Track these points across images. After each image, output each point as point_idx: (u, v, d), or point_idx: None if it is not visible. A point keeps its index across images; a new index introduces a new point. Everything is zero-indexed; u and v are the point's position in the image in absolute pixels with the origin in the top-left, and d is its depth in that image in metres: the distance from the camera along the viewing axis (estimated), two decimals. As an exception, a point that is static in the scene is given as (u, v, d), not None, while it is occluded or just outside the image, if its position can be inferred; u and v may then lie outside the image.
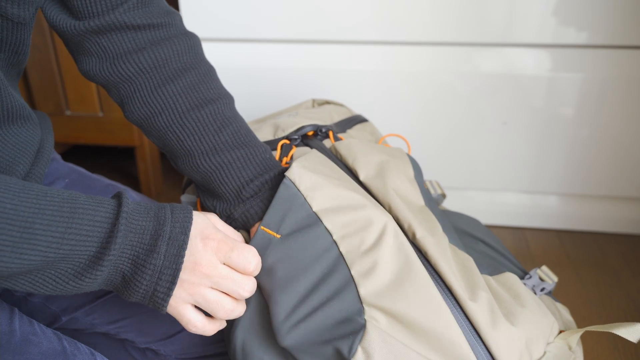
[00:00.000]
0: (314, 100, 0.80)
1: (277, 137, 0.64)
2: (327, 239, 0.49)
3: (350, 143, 0.59)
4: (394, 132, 1.09)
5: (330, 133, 0.64)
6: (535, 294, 0.56)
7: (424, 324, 0.45)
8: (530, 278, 0.58)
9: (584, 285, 1.01)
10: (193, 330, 0.47)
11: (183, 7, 1.06)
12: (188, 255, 0.44)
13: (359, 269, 0.47)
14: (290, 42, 1.07)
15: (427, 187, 0.72)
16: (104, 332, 0.62)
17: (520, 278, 0.59)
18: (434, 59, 1.04)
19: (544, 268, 0.60)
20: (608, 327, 0.47)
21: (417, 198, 0.56)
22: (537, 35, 0.99)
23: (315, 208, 0.51)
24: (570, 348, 0.50)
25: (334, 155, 0.59)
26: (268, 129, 0.65)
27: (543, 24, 0.98)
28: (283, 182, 0.52)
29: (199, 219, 0.46)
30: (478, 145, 1.10)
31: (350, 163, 0.57)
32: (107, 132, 1.24)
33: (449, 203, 1.17)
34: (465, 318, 0.46)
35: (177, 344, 0.63)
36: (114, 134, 1.24)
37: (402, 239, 0.49)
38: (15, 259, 0.37)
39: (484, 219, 1.18)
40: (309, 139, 0.63)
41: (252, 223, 0.55)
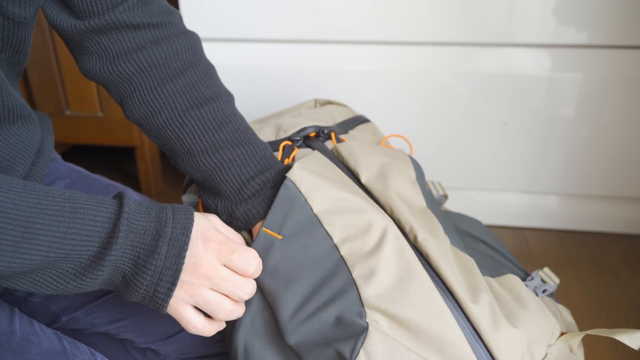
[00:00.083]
0: (316, 100, 0.80)
1: (279, 138, 0.64)
2: (327, 243, 0.49)
3: (352, 145, 0.59)
4: (394, 132, 1.09)
5: (333, 134, 0.64)
6: (537, 296, 0.56)
7: (426, 327, 0.45)
8: (532, 279, 0.58)
9: (584, 286, 1.01)
10: (193, 331, 0.47)
11: (183, 7, 1.06)
12: (189, 257, 0.44)
13: (360, 272, 0.47)
14: (290, 42, 1.07)
15: (429, 188, 0.72)
16: (104, 332, 0.62)
17: (522, 279, 0.59)
18: (434, 59, 1.04)
19: (546, 269, 0.60)
20: (610, 332, 0.47)
21: (418, 200, 0.56)
22: (537, 35, 0.99)
23: (316, 210, 0.51)
24: (572, 350, 0.50)
25: (336, 157, 0.59)
26: (270, 130, 0.65)
27: (543, 24, 0.98)
28: (284, 183, 0.52)
29: (201, 221, 0.46)
30: (478, 145, 1.10)
31: (352, 165, 0.57)
32: (107, 132, 1.24)
33: (449, 203, 1.17)
34: (467, 320, 0.46)
35: (177, 344, 0.63)
36: (114, 134, 1.24)
37: (402, 243, 0.49)
38: (17, 259, 0.37)
39: (484, 219, 1.19)
40: (311, 140, 0.63)
41: (254, 222, 0.55)
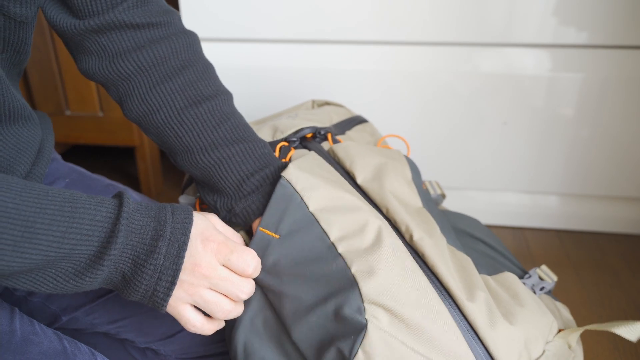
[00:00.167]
0: (314, 101, 0.80)
1: (275, 138, 0.64)
2: (325, 240, 0.49)
3: (348, 146, 0.59)
4: (394, 132, 1.09)
5: (329, 135, 0.64)
6: (535, 294, 0.56)
7: (423, 324, 0.45)
8: (530, 277, 0.58)
9: (584, 285, 1.01)
10: (192, 330, 0.47)
11: (183, 7, 1.06)
12: (188, 256, 0.44)
13: (359, 268, 0.47)
14: (290, 42, 1.07)
15: (426, 187, 0.72)
16: (104, 331, 0.62)
17: (520, 277, 0.59)
18: (434, 59, 1.04)
19: (544, 267, 0.60)
20: (607, 325, 0.47)
21: (414, 200, 0.56)
22: (537, 35, 0.99)
23: (312, 208, 0.51)
24: (570, 347, 0.50)
25: (332, 158, 0.59)
26: (267, 131, 0.65)
27: (543, 24, 0.98)
28: (280, 182, 0.52)
29: (200, 220, 0.47)
30: (478, 145, 1.10)
31: (348, 166, 0.57)
32: (107, 132, 1.24)
33: (449, 203, 1.17)
34: (463, 318, 0.46)
35: (177, 344, 0.63)
36: (114, 134, 1.24)
37: (397, 242, 0.50)
38: (17, 258, 0.37)
39: (484, 219, 1.19)
40: (308, 141, 0.63)
41: (253, 218, 0.55)
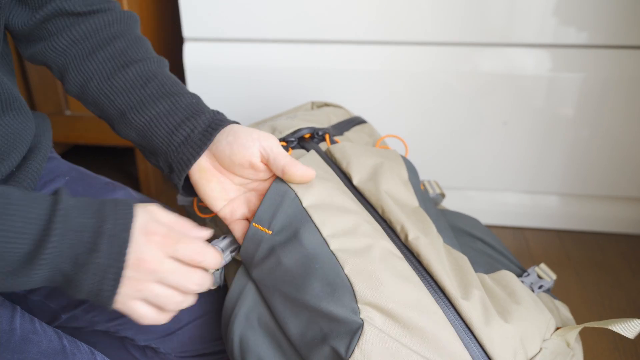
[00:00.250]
0: (313, 103, 0.80)
1: (274, 139, 0.64)
2: (317, 237, 0.49)
3: (345, 146, 0.59)
4: (394, 132, 1.09)
5: (327, 136, 0.64)
6: (533, 292, 0.56)
7: (418, 323, 0.45)
8: (528, 276, 0.58)
9: (584, 285, 1.01)
10: (146, 323, 0.46)
11: (183, 7, 1.06)
12: (131, 252, 0.43)
13: (353, 268, 0.47)
14: (291, 42, 1.07)
15: (425, 187, 0.72)
16: (104, 329, 0.62)
17: (519, 276, 0.59)
18: (434, 59, 1.04)
19: (542, 266, 0.60)
20: (605, 323, 0.47)
21: (411, 199, 0.56)
22: (537, 35, 0.99)
23: (305, 204, 0.51)
24: (569, 345, 0.50)
25: (329, 159, 0.60)
26: (265, 131, 0.65)
27: (543, 24, 0.98)
28: (276, 178, 0.52)
29: (141, 214, 0.45)
30: (478, 145, 1.10)
31: (344, 167, 0.57)
32: (107, 132, 1.23)
33: (449, 203, 1.17)
34: (458, 317, 0.46)
35: (176, 342, 0.63)
36: (114, 134, 1.22)
37: (389, 244, 0.50)
38: None
39: (484, 219, 1.18)
40: (306, 142, 0.63)
41: (186, 169, 0.53)
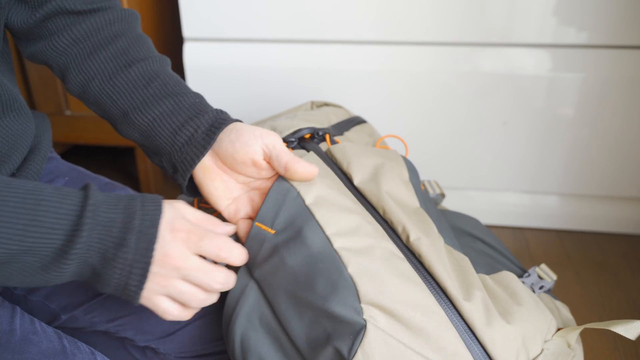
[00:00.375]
0: (313, 103, 0.80)
1: (274, 139, 0.64)
2: (320, 235, 0.49)
3: (345, 147, 0.59)
4: (394, 132, 1.09)
5: (327, 136, 0.64)
6: (534, 292, 0.56)
7: (420, 324, 0.44)
8: (529, 276, 0.58)
9: (584, 285, 1.01)
10: (169, 319, 0.47)
11: (183, 7, 1.06)
12: (158, 248, 0.44)
13: (356, 269, 0.47)
14: (291, 42, 1.07)
15: (425, 187, 0.72)
16: (104, 330, 0.62)
17: (519, 276, 0.59)
18: (434, 59, 1.04)
19: (543, 266, 0.60)
20: (606, 324, 0.47)
21: (411, 200, 0.56)
22: (537, 35, 0.99)
23: (308, 202, 0.51)
24: (570, 346, 0.50)
25: (329, 159, 0.59)
26: (266, 130, 0.65)
27: (543, 24, 0.98)
28: (278, 177, 0.52)
29: (168, 211, 0.46)
30: (478, 145, 1.10)
31: (345, 167, 0.57)
32: (107, 132, 1.24)
33: (449, 203, 1.17)
34: (460, 317, 0.46)
35: (175, 342, 0.63)
36: (114, 134, 1.21)
37: (391, 245, 0.50)
38: None
39: (484, 219, 1.18)
40: (306, 142, 0.63)
41: (190, 170, 0.53)
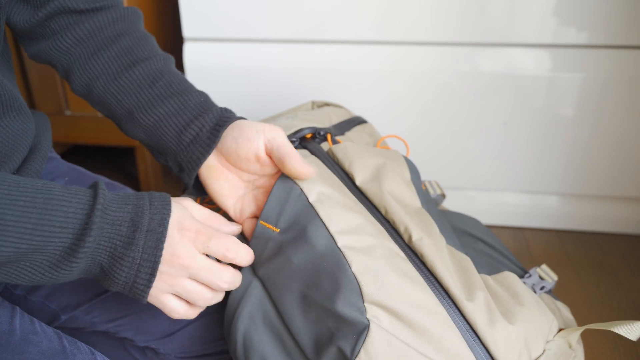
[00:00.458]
0: (314, 102, 0.80)
1: (275, 139, 0.64)
2: (324, 233, 0.49)
3: (347, 147, 0.59)
4: (395, 132, 1.09)
5: (329, 136, 0.64)
6: (535, 293, 0.56)
7: (423, 324, 0.44)
8: (530, 277, 0.58)
9: (584, 285, 1.01)
10: (176, 317, 0.47)
11: (183, 7, 1.06)
12: (166, 247, 0.44)
13: (360, 269, 0.47)
14: (291, 42, 1.07)
15: (426, 187, 0.72)
16: (104, 330, 0.62)
17: (520, 277, 0.59)
18: (434, 59, 1.04)
19: (544, 267, 0.60)
20: (607, 325, 0.47)
21: (413, 200, 0.56)
22: (537, 35, 0.99)
23: (312, 199, 0.51)
24: (571, 346, 0.50)
25: (331, 159, 0.59)
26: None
27: (543, 24, 0.98)
28: (280, 175, 0.52)
29: (176, 209, 0.46)
30: (478, 145, 1.10)
31: (347, 167, 0.57)
32: (107, 132, 1.24)
33: (449, 203, 1.17)
34: (463, 318, 0.46)
35: (176, 342, 0.63)
36: (114, 134, 1.24)
37: (392, 245, 0.50)
38: None
39: (484, 219, 1.18)
40: (307, 142, 0.63)
41: (196, 169, 0.54)
